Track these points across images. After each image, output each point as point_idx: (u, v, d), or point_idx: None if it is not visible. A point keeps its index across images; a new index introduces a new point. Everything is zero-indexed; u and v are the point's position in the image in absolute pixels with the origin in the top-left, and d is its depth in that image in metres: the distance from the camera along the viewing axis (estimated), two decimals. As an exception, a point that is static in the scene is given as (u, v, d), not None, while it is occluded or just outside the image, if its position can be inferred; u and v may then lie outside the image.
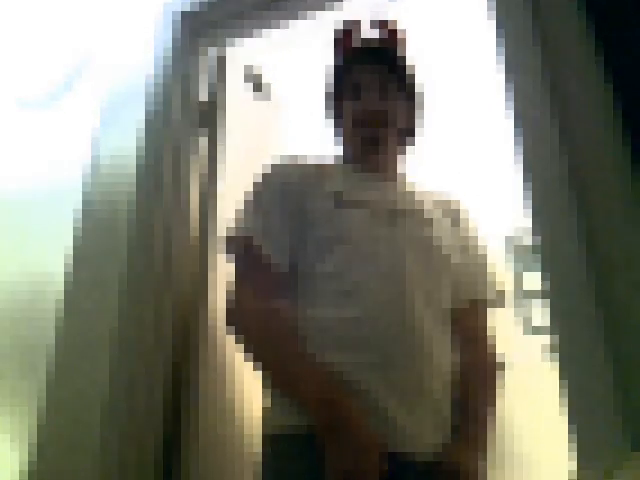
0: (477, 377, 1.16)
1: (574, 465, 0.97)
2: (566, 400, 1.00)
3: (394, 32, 1.33)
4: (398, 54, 1.32)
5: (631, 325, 0.98)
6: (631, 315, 0.99)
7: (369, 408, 1.01)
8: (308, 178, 1.22)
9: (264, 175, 1.25)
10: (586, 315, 1.01)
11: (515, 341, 1.88)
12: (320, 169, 1.26)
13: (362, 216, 1.17)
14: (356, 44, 1.34)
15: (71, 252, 1.68)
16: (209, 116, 1.78)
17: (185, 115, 1.76)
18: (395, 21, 1.35)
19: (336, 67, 1.37)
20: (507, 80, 1.22)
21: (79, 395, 1.48)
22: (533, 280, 2.10)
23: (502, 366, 1.23)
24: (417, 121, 1.38)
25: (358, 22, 1.35)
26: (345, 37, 1.35)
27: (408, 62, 1.34)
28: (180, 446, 1.46)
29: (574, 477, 0.97)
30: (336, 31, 1.38)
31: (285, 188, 1.21)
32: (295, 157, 1.31)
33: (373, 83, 1.29)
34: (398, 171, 1.34)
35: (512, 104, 1.20)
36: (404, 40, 1.34)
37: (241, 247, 1.20)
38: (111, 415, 1.43)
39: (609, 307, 1.00)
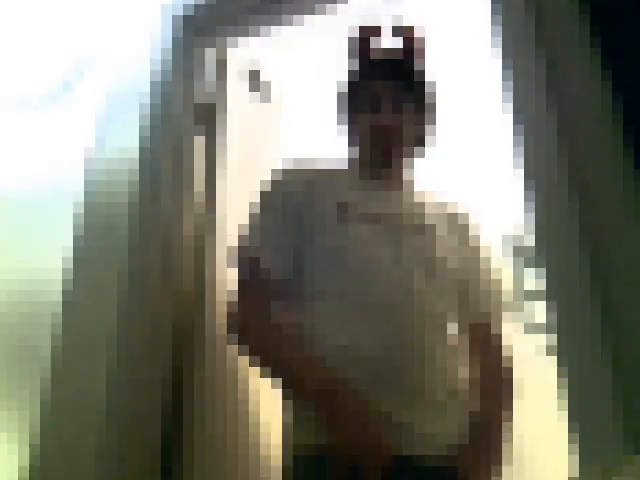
0: (492, 387, 1.16)
1: (574, 466, 0.97)
2: (566, 401, 1.00)
3: (414, 41, 1.30)
4: (417, 67, 1.29)
5: (631, 325, 0.98)
6: (631, 315, 0.99)
7: (377, 414, 1.01)
8: (313, 187, 1.21)
9: (269, 183, 1.24)
10: (586, 315, 1.01)
11: (515, 341, 1.88)
12: (326, 177, 1.24)
13: (367, 229, 1.16)
14: (376, 54, 1.29)
15: (71, 252, 1.68)
16: (209, 116, 1.78)
17: (185, 115, 1.76)
18: (414, 27, 1.31)
19: (354, 75, 1.33)
20: (507, 80, 1.22)
21: (79, 395, 1.48)
22: (533, 280, 2.10)
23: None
24: (429, 130, 1.35)
25: (378, 28, 1.31)
26: (363, 45, 1.31)
27: (426, 73, 1.31)
28: (180, 447, 1.46)
29: (574, 478, 0.97)
30: (353, 38, 1.33)
31: (289, 199, 1.20)
32: (301, 162, 1.29)
33: (391, 97, 1.25)
34: (406, 178, 1.32)
35: (512, 104, 1.20)
36: (423, 50, 1.31)
37: (244, 260, 1.19)
38: (111, 415, 1.42)
39: (609, 307, 1.00)
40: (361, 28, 1.32)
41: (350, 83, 1.33)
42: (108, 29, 1.98)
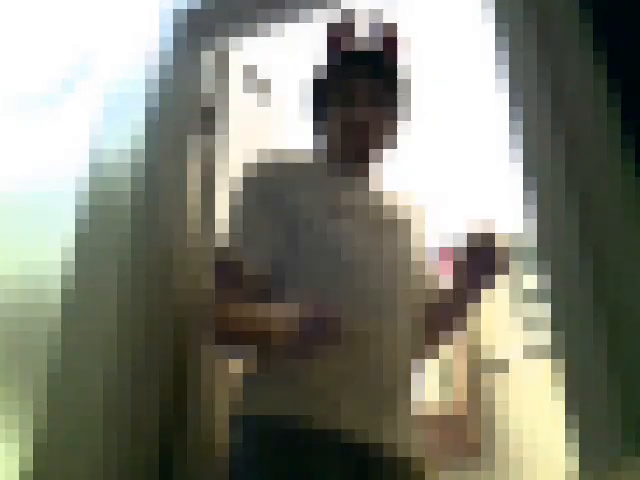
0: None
1: (574, 466, 0.97)
2: (566, 401, 1.01)
3: (393, 37, 1.21)
4: (394, 61, 1.20)
5: (631, 325, 0.98)
6: (631, 315, 0.99)
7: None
8: (285, 180, 1.17)
9: (244, 179, 1.21)
10: (586, 315, 1.02)
11: (514, 341, 1.88)
12: (297, 172, 1.20)
13: (336, 225, 1.13)
14: (348, 44, 1.19)
15: (71, 252, 1.68)
16: (210, 116, 1.78)
17: (186, 115, 1.76)
18: (395, 25, 1.23)
19: (320, 72, 1.23)
20: (506, 79, 1.22)
21: (79, 395, 1.48)
22: (533, 280, 2.10)
23: (504, 366, 1.23)
24: (403, 123, 1.24)
25: (352, 25, 1.21)
26: (338, 40, 1.21)
27: (404, 66, 1.22)
28: (180, 447, 1.46)
29: (573, 478, 0.97)
30: (330, 29, 1.23)
31: (264, 193, 1.16)
32: (275, 154, 1.24)
33: (366, 93, 1.16)
34: (373, 172, 1.24)
35: (512, 104, 1.20)
36: (404, 44, 1.22)
37: (219, 257, 1.19)
38: (111, 415, 1.43)
39: (609, 307, 1.00)
40: (329, 26, 1.22)
41: (315, 82, 1.22)
42: (108, 28, 1.98)
